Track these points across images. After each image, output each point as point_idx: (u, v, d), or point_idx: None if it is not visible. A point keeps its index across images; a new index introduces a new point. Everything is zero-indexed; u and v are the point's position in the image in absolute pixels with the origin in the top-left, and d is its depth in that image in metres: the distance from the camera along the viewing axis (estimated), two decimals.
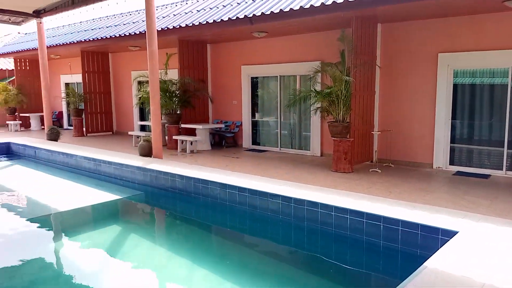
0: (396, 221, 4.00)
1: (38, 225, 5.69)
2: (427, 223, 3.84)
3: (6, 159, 10.46)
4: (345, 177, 7.38)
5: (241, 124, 11.32)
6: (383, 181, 7.07)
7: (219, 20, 9.01)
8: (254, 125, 11.34)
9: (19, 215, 6.21)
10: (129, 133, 12.41)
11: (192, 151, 10.11)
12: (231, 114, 11.59)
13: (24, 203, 7.04)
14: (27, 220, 5.87)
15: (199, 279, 3.97)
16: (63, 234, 5.58)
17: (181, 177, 6.42)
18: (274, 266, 4.37)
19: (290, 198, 4.93)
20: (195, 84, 11.06)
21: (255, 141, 11.27)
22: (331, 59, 8.61)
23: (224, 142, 11.32)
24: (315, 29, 9.32)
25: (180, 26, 9.89)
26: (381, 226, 4.10)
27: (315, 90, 8.67)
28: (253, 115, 11.34)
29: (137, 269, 4.27)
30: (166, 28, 10.15)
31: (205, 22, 9.32)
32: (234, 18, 8.75)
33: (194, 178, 6.22)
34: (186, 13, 10.91)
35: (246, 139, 11.26)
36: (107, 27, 13.46)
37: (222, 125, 11.32)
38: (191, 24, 9.62)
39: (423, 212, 4.17)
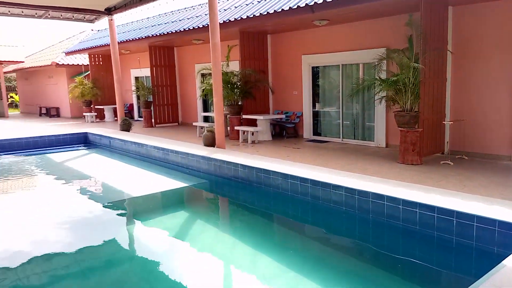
0: (471, 217, 3.75)
1: (113, 209, 6.14)
2: (507, 219, 3.55)
3: (84, 148, 11.38)
4: (413, 170, 7.05)
5: (301, 115, 11.24)
6: (455, 174, 6.66)
7: (280, 10, 8.97)
8: (315, 115, 11.20)
9: (96, 200, 6.73)
10: (193, 124, 12.87)
11: (253, 142, 10.25)
12: (292, 105, 11.54)
13: (100, 189, 7.63)
14: (103, 204, 6.35)
15: (263, 267, 4.05)
16: (135, 218, 5.97)
17: (244, 166, 6.54)
18: (337, 258, 4.32)
19: (354, 189, 4.82)
20: (256, 75, 11.15)
21: (316, 132, 11.14)
22: (397, 45, 8.21)
23: (284, 132, 11.32)
24: (379, 14, 8.93)
25: (241, 18, 10.00)
26: (454, 222, 3.87)
27: (380, 78, 8.34)
28: (313, 105, 11.20)
29: (203, 254, 4.45)
30: (227, 21, 10.33)
31: (265, 13, 9.33)
32: (295, 7, 8.65)
33: (256, 168, 6.31)
34: (247, 5, 11.00)
35: (307, 130, 11.17)
36: (172, 22, 13.99)
37: (283, 116, 11.33)
38: (251, 15, 9.69)
39: (501, 208, 3.87)
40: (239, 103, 11.26)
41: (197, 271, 4.01)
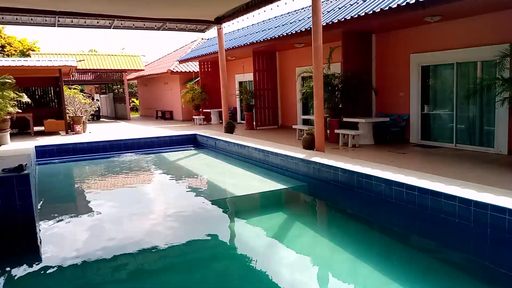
0: None
1: (216, 206, 6.51)
2: None
3: (193, 148, 12.29)
4: None
5: (408, 117, 10.54)
6: None
7: (387, 8, 8.54)
8: (424, 118, 10.40)
9: (202, 196, 7.21)
10: (293, 126, 12.98)
11: (354, 145, 9.94)
12: (397, 107, 10.90)
13: (205, 187, 8.15)
14: (208, 201, 6.77)
15: (363, 276, 3.89)
16: (236, 216, 6.24)
17: (344, 170, 6.39)
18: (448, 275, 3.94)
19: (470, 200, 4.36)
20: (359, 77, 10.80)
21: (424, 136, 10.34)
22: None
23: (388, 136, 10.75)
24: (502, 6, 7.93)
25: (345, 19, 9.78)
26: None
27: (502, 77, 7.40)
28: (422, 108, 10.42)
29: (300, 257, 4.45)
30: (331, 22, 10.19)
31: (371, 12, 8.98)
32: (404, 4, 8.16)
33: (357, 172, 6.11)
34: (351, 5, 10.71)
35: (414, 134, 10.43)
36: (275, 27, 14.33)
37: (387, 119, 10.76)
38: (356, 16, 9.41)
39: None
40: (340, 106, 11.02)
41: (294, 273, 4.02)
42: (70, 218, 5.93)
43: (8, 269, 4.13)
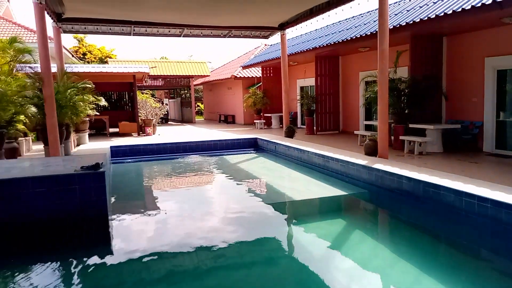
0: None
1: (275, 209, 6.57)
2: None
3: (253, 151, 12.51)
4: None
5: (482, 125, 9.83)
6: None
7: (460, 10, 8.07)
8: (500, 125, 9.63)
9: (260, 199, 7.32)
10: (355, 132, 12.69)
11: (420, 153, 9.48)
12: (469, 113, 10.21)
13: (265, 190, 8.26)
14: (267, 204, 6.85)
15: None
16: (295, 220, 6.25)
17: (409, 179, 6.13)
18: None
19: None
20: (427, 81, 10.29)
21: (500, 145, 9.57)
22: None
23: (459, 144, 10.10)
24: None
25: (413, 21, 9.40)
26: None
27: None
28: (497, 115, 9.66)
29: (359, 266, 4.36)
30: (398, 26, 9.85)
31: (442, 14, 8.54)
32: (479, 4, 7.66)
33: (423, 181, 5.84)
34: (421, 7, 10.27)
35: (488, 142, 9.70)
36: (339, 31, 14.15)
37: (458, 126, 10.12)
38: (426, 18, 9.00)
39: None
40: (406, 111, 10.57)
41: (352, 282, 3.95)
42: (138, 215, 6.35)
43: (81, 259, 4.52)
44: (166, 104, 26.70)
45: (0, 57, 8.97)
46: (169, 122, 25.93)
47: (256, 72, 22.60)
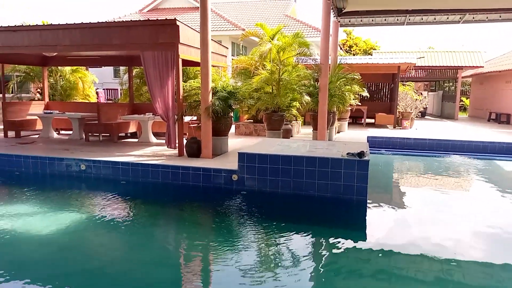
0: None
1: None
2: None
3: None
4: None
5: None
6: None
7: None
8: None
9: None
10: None
11: None
12: None
13: None
14: None
15: None
16: None
17: None
18: None
19: None
20: None
21: None
22: None
23: None
24: None
25: None
26: None
27: None
28: None
29: None
30: None
31: None
32: None
33: None
34: None
35: None
36: None
37: None
38: None
39: None
40: None
41: None
42: (390, 206, 6.40)
43: (337, 238, 4.89)
44: (424, 97, 25.07)
45: (287, 51, 10.59)
46: (425, 117, 24.39)
47: None
